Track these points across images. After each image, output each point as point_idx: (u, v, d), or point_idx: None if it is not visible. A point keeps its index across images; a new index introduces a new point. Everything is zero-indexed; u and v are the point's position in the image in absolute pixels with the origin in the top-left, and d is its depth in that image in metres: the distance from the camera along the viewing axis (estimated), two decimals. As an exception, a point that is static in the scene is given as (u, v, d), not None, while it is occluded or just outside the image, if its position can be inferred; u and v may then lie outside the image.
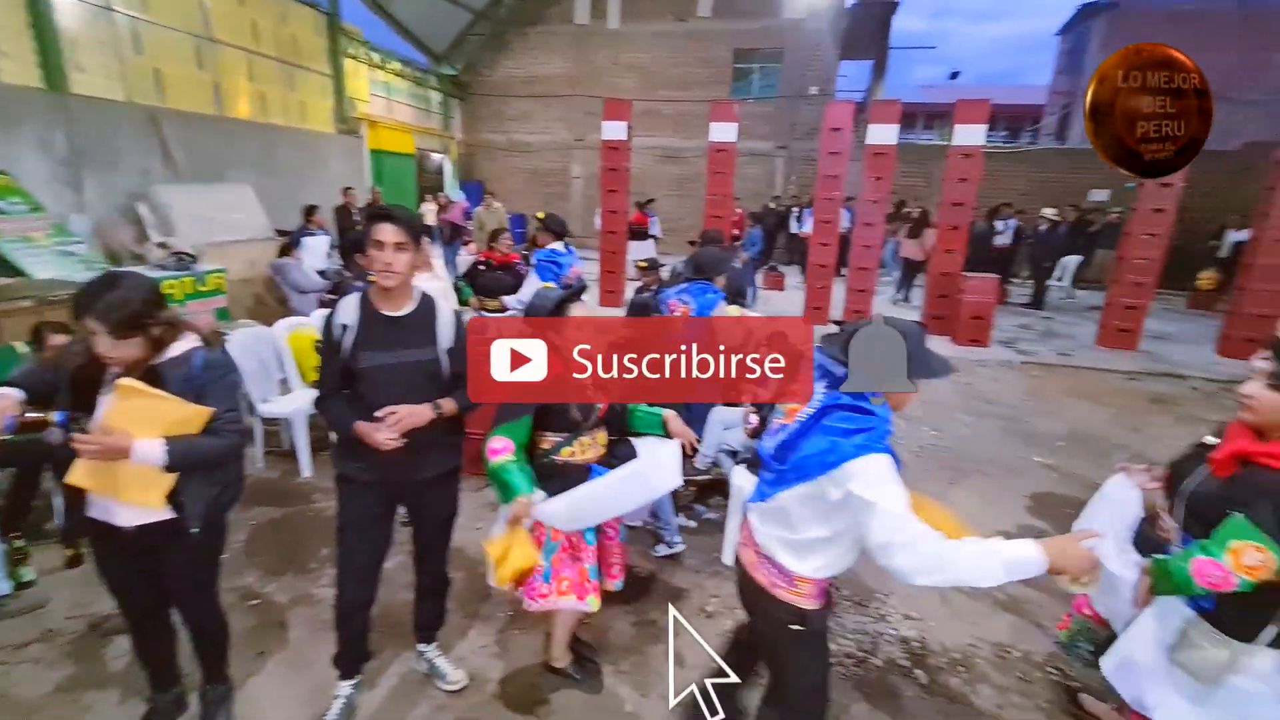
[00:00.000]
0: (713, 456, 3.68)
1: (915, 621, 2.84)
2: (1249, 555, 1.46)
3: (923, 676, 2.55)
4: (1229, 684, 1.58)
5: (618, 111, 8.40)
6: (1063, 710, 2.38)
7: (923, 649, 2.70)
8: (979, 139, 7.12)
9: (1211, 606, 1.59)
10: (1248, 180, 7.86)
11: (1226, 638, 1.57)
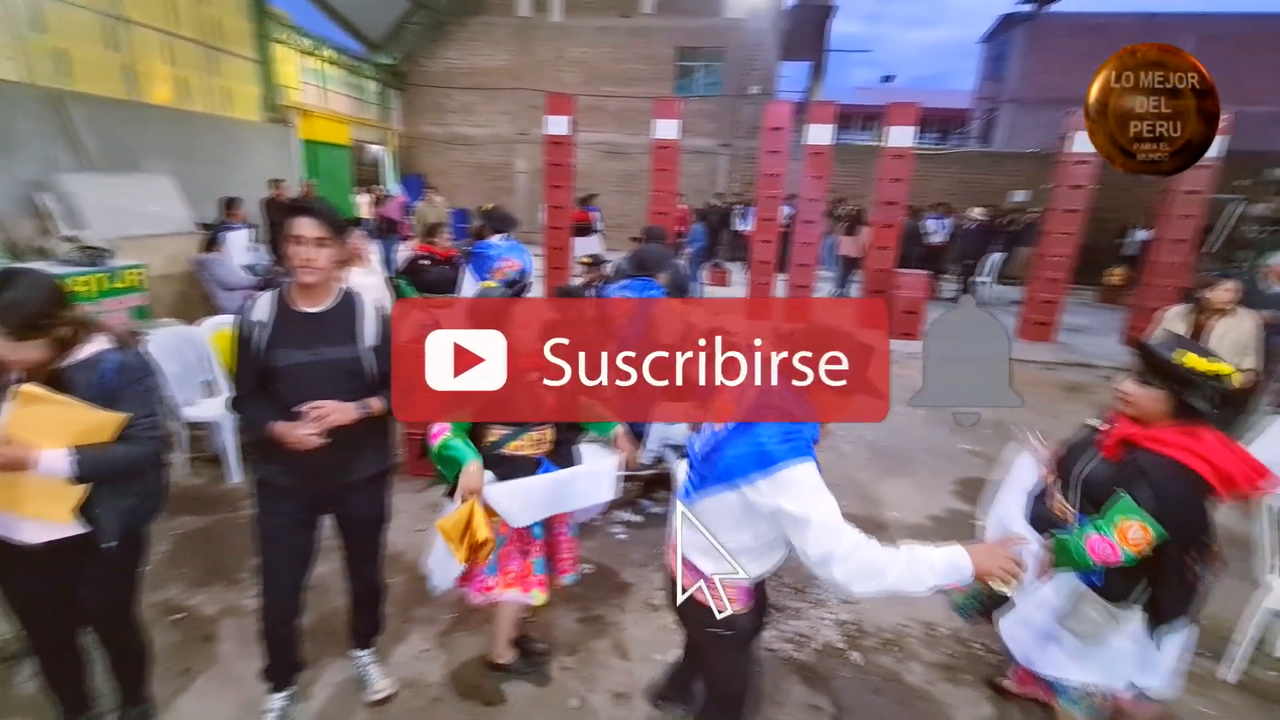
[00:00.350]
0: (657, 451, 3.71)
1: (851, 606, 2.96)
2: (1133, 531, 1.62)
3: (858, 658, 2.66)
4: (1106, 642, 1.76)
5: (561, 106, 8.33)
6: (984, 681, 2.53)
7: (858, 631, 2.81)
8: (909, 140, 7.42)
9: (1100, 581, 1.75)
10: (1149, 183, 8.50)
11: (1110, 605, 1.74)
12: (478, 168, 16.82)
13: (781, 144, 7.86)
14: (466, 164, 16.81)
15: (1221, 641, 2.71)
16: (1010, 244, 10.98)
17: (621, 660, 2.59)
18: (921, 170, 14.77)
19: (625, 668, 2.54)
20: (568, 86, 14.90)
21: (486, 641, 2.59)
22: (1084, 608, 1.74)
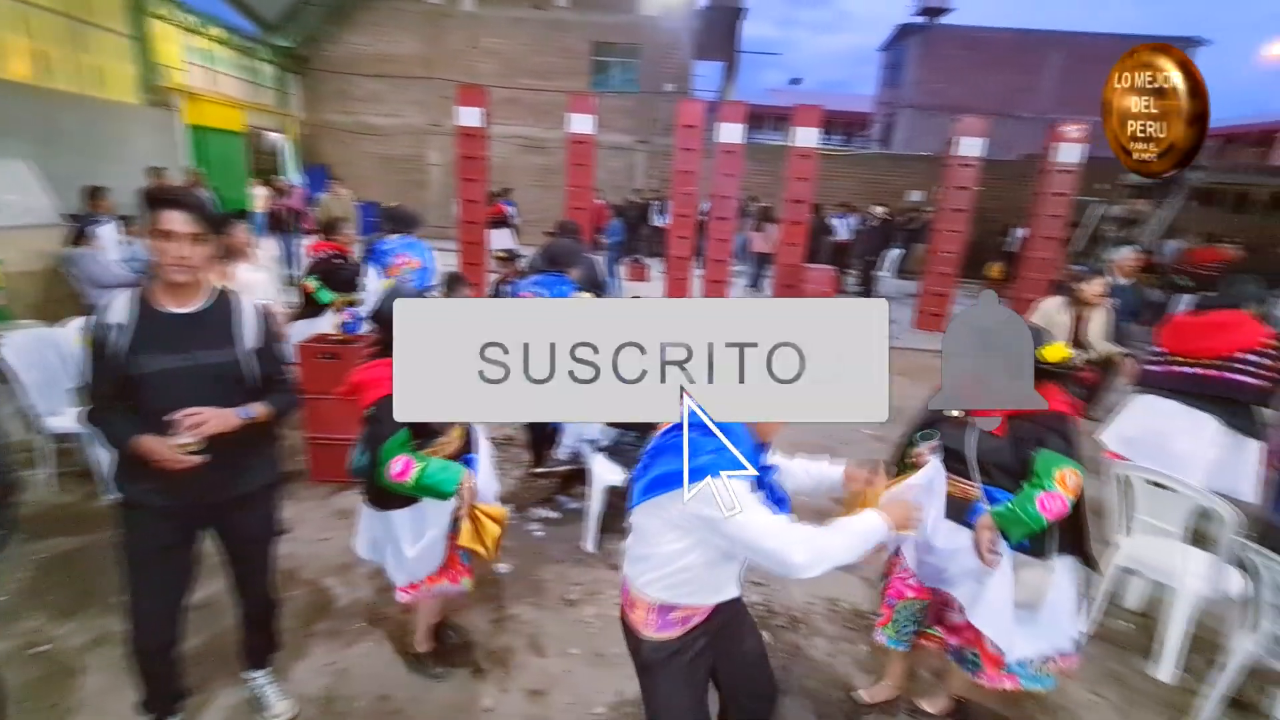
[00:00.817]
0: (573, 446, 3.72)
1: (760, 587, 3.08)
2: (1070, 478, 1.81)
3: (767, 637, 2.77)
4: (1047, 604, 1.93)
5: (473, 97, 8.13)
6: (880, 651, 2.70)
7: (767, 611, 2.94)
8: (814, 141, 7.77)
9: (1027, 545, 1.91)
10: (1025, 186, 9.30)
11: (1044, 563, 1.93)
12: (387, 159, 16.13)
13: (695, 141, 8.01)
14: (375, 155, 16.08)
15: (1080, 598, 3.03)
16: (908, 241, 11.73)
17: (537, 658, 2.58)
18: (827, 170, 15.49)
19: (541, 665, 2.54)
20: (482, 77, 14.54)
21: (397, 646, 2.53)
22: (1024, 575, 1.90)
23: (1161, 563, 2.69)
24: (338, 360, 3.63)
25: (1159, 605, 2.81)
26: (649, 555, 1.54)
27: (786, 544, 1.38)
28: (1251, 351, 3.05)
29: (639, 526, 1.58)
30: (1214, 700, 2.39)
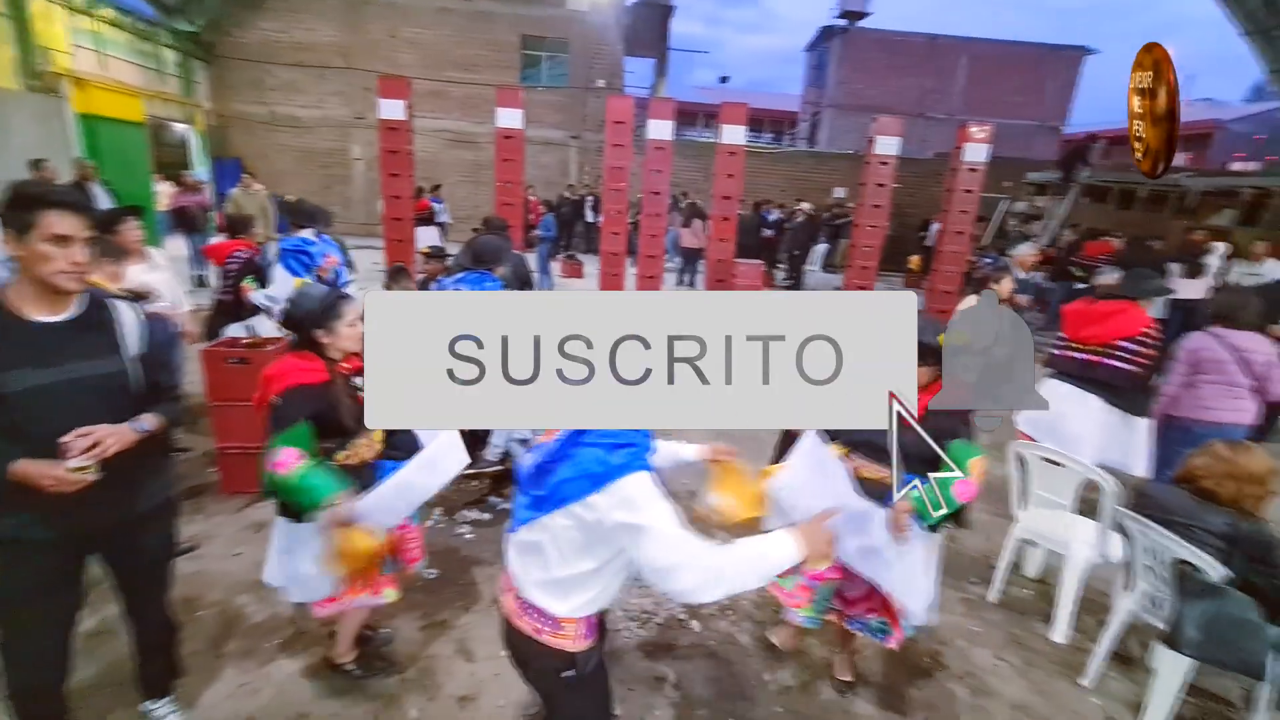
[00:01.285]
0: (504, 446, 3.67)
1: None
2: (980, 464, 1.97)
3: (697, 626, 2.83)
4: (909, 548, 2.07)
5: (395, 89, 7.84)
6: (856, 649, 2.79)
7: (697, 601, 2.99)
8: (741, 138, 7.92)
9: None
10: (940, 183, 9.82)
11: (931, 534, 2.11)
12: (308, 153, 15.36)
13: (625, 138, 8.02)
14: (294, 149, 15.28)
15: (989, 570, 3.24)
16: (833, 236, 12.16)
17: (466, 663, 2.53)
18: (756, 167, 15.92)
19: (469, 670, 2.50)
20: (404, 69, 14.06)
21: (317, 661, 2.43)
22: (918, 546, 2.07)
23: (1055, 533, 2.91)
24: (248, 365, 3.44)
25: (1055, 573, 3.04)
26: (565, 579, 1.40)
27: (679, 564, 1.25)
28: (1131, 339, 3.34)
29: (540, 546, 1.40)
30: (1100, 656, 2.61)
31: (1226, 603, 2.09)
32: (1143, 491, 2.38)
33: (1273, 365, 3.32)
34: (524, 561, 1.47)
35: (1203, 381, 3.40)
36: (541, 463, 1.38)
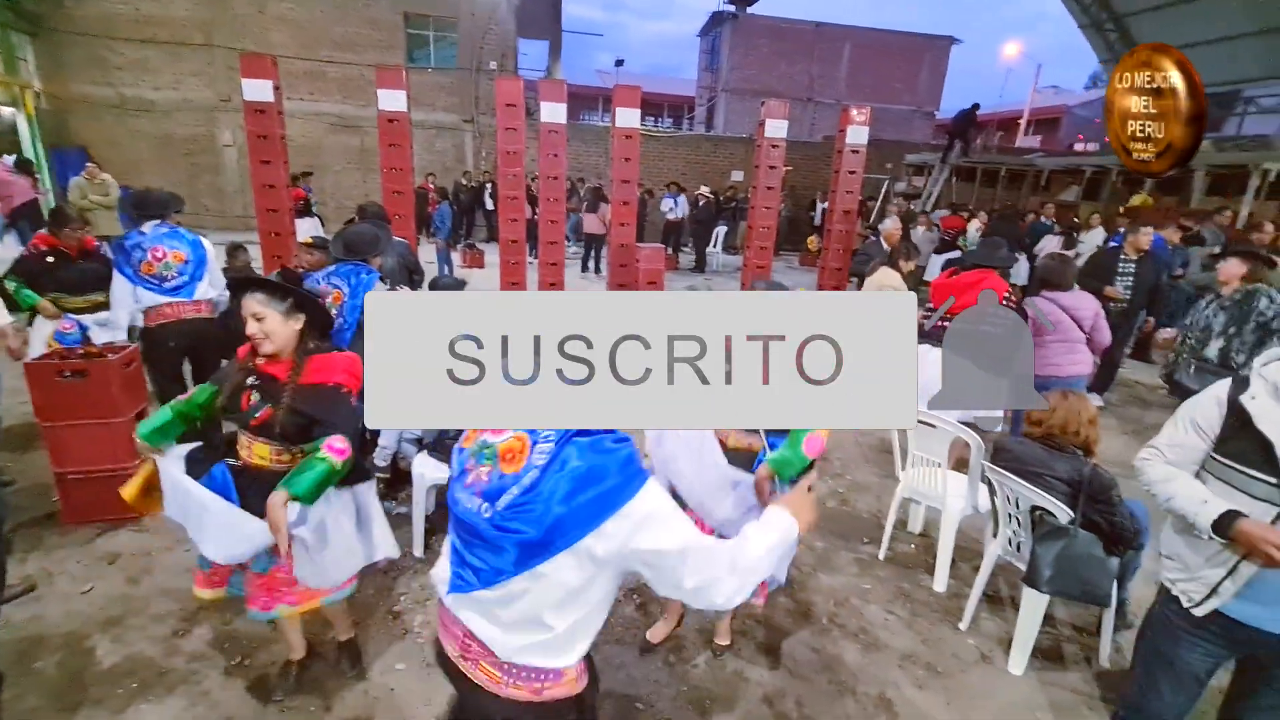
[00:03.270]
0: (393, 447, 3.48)
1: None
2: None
3: (635, 597, 2.81)
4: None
5: (259, 68, 7.19)
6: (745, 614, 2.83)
7: (606, 587, 2.97)
8: (635, 121, 7.89)
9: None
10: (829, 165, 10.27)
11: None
12: (166, 140, 13.89)
13: (517, 120, 7.78)
14: (151, 135, 13.77)
15: (880, 530, 3.43)
16: (732, 218, 12.45)
17: (358, 681, 2.38)
18: (656, 152, 16.02)
19: (362, 688, 2.34)
20: (276, 47, 12.99)
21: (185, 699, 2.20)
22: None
23: (932, 489, 3.12)
24: (86, 379, 3.04)
25: (936, 527, 3.25)
26: (569, 629, 1.20)
27: (716, 577, 1.15)
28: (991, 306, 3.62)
29: (526, 602, 1.18)
30: (974, 599, 2.83)
31: (1074, 542, 2.30)
32: (1001, 446, 2.58)
33: (1100, 317, 3.74)
34: (502, 625, 1.21)
35: (1046, 341, 3.76)
36: (520, 499, 1.14)
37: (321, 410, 1.90)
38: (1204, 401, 1.61)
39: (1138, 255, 5.69)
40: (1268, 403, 1.47)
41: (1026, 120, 22.53)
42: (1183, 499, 1.56)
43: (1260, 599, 1.52)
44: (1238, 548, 1.48)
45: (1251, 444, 1.48)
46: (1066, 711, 2.41)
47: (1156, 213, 9.43)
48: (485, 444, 1.23)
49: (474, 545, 1.21)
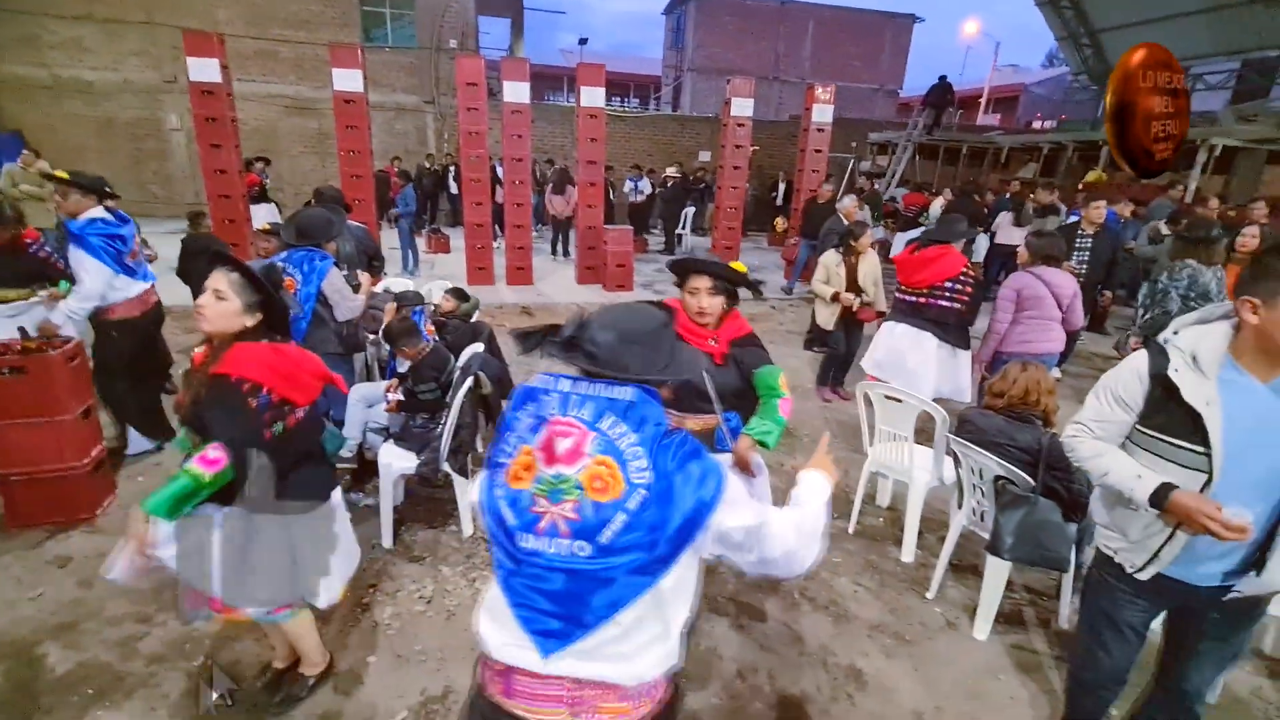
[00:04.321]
0: (359, 438, 3.40)
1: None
2: (785, 380, 2.10)
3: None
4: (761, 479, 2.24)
5: (203, 47, 6.88)
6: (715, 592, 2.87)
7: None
8: (600, 101, 7.78)
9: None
10: (795, 144, 10.28)
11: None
12: (109, 124, 13.23)
13: (479, 100, 7.60)
14: (91, 119, 13.09)
15: (848, 505, 3.48)
16: (701, 199, 12.41)
17: (331, 675, 2.33)
18: (623, 132, 15.83)
19: (332, 684, 2.30)
20: (223, 25, 12.43)
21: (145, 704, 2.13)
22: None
23: (899, 463, 3.17)
24: (24, 376, 2.89)
25: (903, 499, 3.31)
26: (675, 630, 1.16)
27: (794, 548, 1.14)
28: (953, 279, 3.68)
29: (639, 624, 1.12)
30: (941, 569, 2.90)
31: (1034, 509, 2.36)
32: (965, 418, 2.63)
33: (1077, 298, 3.80)
34: (624, 656, 1.12)
35: (1025, 317, 3.79)
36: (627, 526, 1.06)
37: (207, 407, 1.69)
38: (1124, 375, 1.63)
39: (1094, 230, 5.84)
40: (1189, 375, 1.49)
41: (986, 98, 22.87)
42: (1116, 475, 1.59)
43: (1192, 558, 1.59)
44: (1172, 518, 1.52)
45: (1179, 416, 1.50)
46: (1027, 672, 2.50)
47: (1110, 187, 9.68)
48: (560, 477, 1.08)
49: (563, 592, 1.09)
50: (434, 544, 3.13)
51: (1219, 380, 1.47)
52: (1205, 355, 1.49)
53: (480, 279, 8.30)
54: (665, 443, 1.10)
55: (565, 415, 1.11)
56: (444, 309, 4.21)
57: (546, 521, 1.08)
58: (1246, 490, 1.46)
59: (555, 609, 1.09)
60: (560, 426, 1.10)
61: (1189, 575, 1.62)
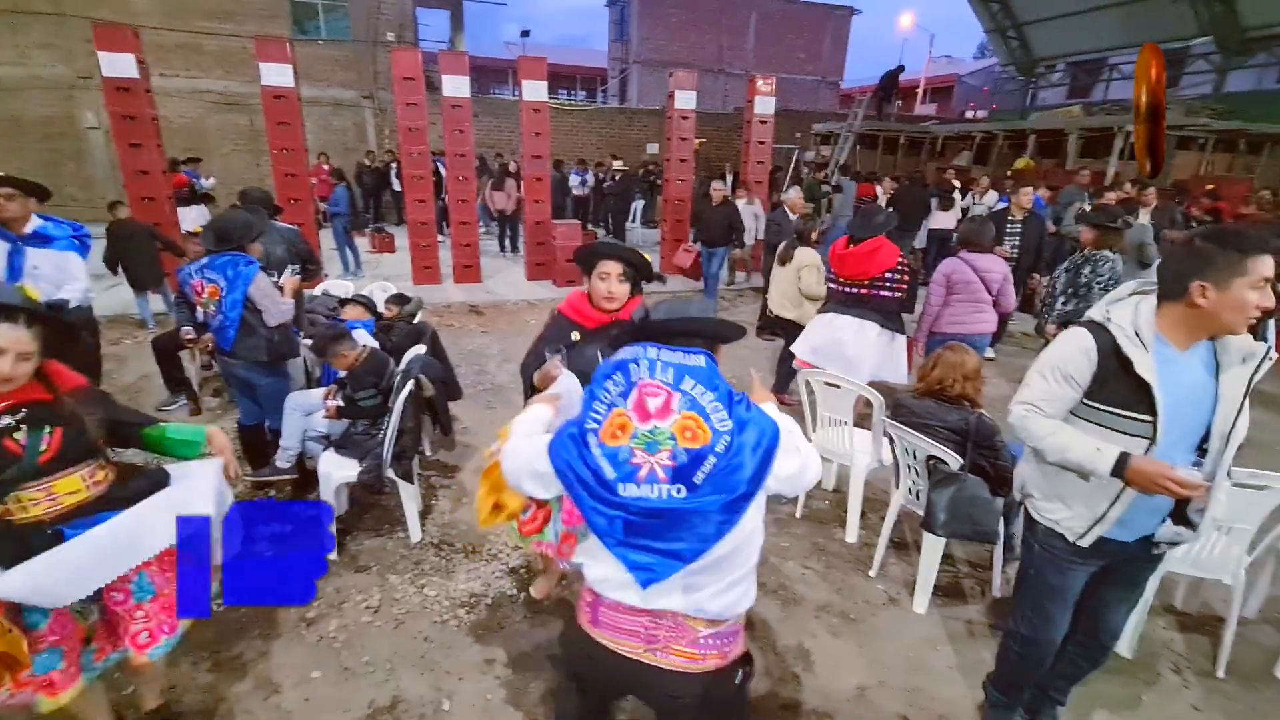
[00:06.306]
0: (298, 448, 3.29)
1: (522, 550, 3.07)
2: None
3: (528, 598, 2.79)
4: None
5: (116, 40, 6.49)
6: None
7: (528, 572, 2.95)
8: (543, 94, 7.69)
9: None
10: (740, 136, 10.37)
11: None
12: (15, 122, 12.36)
13: (418, 95, 7.41)
14: (-3, 117, 12.21)
15: (794, 489, 3.56)
16: (649, 191, 12.43)
17: (272, 695, 2.26)
18: (569, 126, 15.70)
19: (275, 703, 2.23)
20: (140, 16, 11.74)
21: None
22: None
23: (840, 447, 3.26)
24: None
25: (847, 482, 3.42)
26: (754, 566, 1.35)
27: (806, 460, 1.35)
28: (892, 270, 3.81)
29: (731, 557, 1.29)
30: (882, 547, 3.00)
31: (964, 486, 2.47)
32: (899, 402, 2.73)
33: (1008, 282, 3.99)
34: (710, 591, 1.29)
35: (955, 300, 3.98)
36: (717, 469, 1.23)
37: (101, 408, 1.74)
38: (1071, 354, 1.70)
39: (1023, 215, 6.11)
40: (1136, 350, 1.59)
41: (923, 89, 23.58)
42: (1076, 450, 1.66)
43: (1129, 517, 1.70)
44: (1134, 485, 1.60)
45: (1128, 388, 1.60)
46: (964, 641, 2.62)
47: (1037, 173, 10.15)
48: (654, 430, 1.25)
49: (663, 531, 1.24)
50: (381, 552, 3.06)
51: (1154, 353, 1.59)
52: (1144, 330, 1.60)
53: (426, 278, 8.12)
54: (736, 399, 1.29)
55: (654, 378, 1.27)
56: (386, 316, 4.15)
57: (646, 470, 1.24)
58: (1175, 449, 1.60)
59: (656, 547, 1.25)
60: (650, 388, 1.27)
61: (1123, 534, 1.75)
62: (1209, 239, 1.55)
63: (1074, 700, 2.19)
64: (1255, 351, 1.59)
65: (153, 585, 1.77)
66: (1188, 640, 2.66)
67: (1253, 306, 1.49)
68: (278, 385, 3.22)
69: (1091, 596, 1.94)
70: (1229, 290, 1.49)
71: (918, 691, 2.37)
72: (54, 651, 1.62)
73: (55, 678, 1.62)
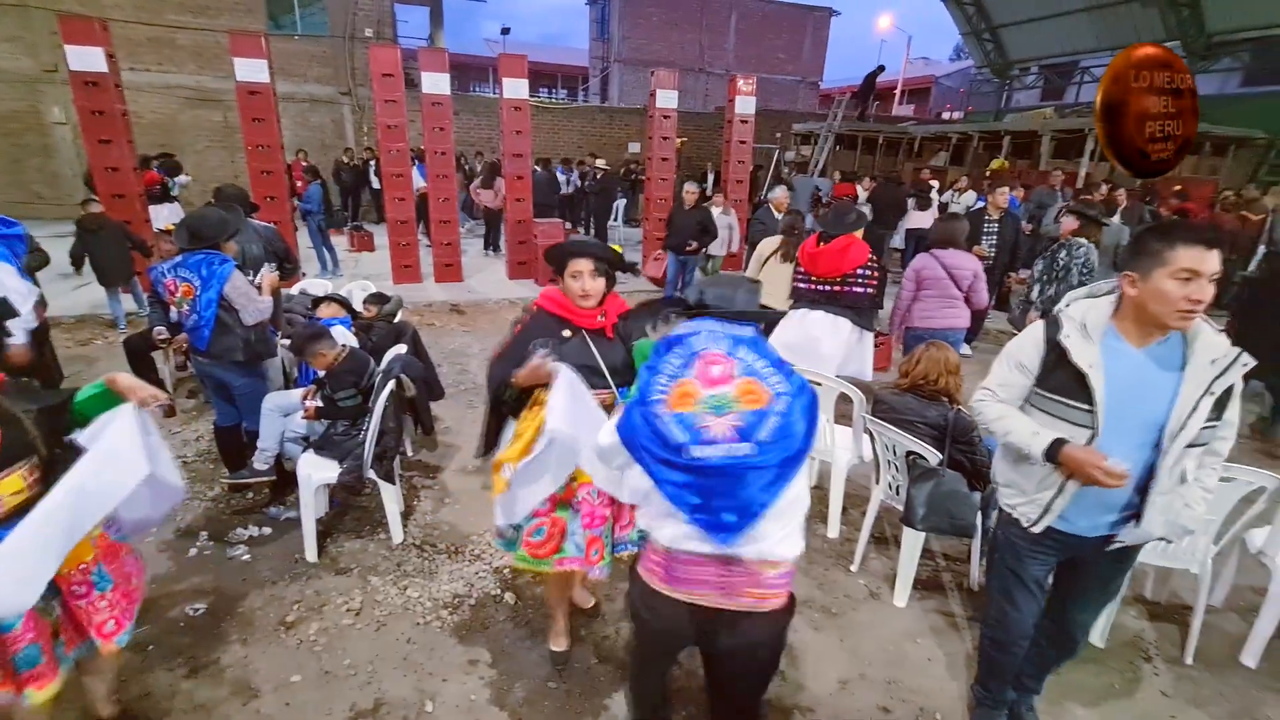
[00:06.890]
0: (275, 449, 3.24)
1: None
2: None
3: (511, 598, 2.78)
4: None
5: (83, 33, 6.33)
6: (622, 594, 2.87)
7: (512, 573, 2.93)
8: (523, 92, 7.65)
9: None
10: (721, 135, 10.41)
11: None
12: (-24, 118, 11.99)
13: (397, 92, 7.33)
14: (-44, 113, 11.84)
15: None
16: (632, 190, 12.43)
17: (251, 700, 2.23)
18: (551, 124, 15.63)
19: (254, 708, 2.20)
20: (108, 10, 11.47)
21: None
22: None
23: (821, 443, 3.29)
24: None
25: (828, 478, 3.45)
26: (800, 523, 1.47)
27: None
28: (862, 267, 3.87)
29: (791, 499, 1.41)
30: (863, 542, 3.04)
31: (942, 481, 2.51)
32: (879, 398, 2.77)
33: (979, 279, 4.06)
34: (775, 538, 1.41)
35: (925, 295, 4.05)
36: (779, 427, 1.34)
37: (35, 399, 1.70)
38: (1025, 343, 1.79)
39: (999, 215, 6.23)
40: (1078, 340, 1.66)
41: (900, 90, 23.87)
42: (1017, 433, 1.74)
43: (1079, 511, 1.75)
44: (1064, 470, 1.68)
45: (1068, 377, 1.67)
46: (943, 633, 2.66)
47: (1012, 174, 10.33)
48: (719, 396, 1.36)
49: (735, 486, 1.33)
50: (362, 554, 3.03)
51: (1102, 346, 1.64)
52: (1092, 324, 1.66)
53: (406, 277, 8.04)
54: (784, 365, 1.42)
55: (713, 349, 1.41)
56: (365, 316, 4.11)
57: (716, 431, 1.33)
58: (1125, 442, 1.63)
59: (729, 504, 1.34)
60: (712, 356, 1.40)
61: (1078, 527, 1.78)
62: (1145, 231, 1.63)
63: (1048, 689, 2.23)
64: (1224, 355, 1.58)
65: (110, 575, 1.79)
66: (1157, 629, 2.74)
67: (1179, 298, 1.49)
68: (254, 386, 3.16)
69: (1063, 591, 1.99)
70: (1149, 279, 1.53)
71: (898, 684, 2.40)
72: (33, 646, 1.61)
73: (41, 671, 1.62)
